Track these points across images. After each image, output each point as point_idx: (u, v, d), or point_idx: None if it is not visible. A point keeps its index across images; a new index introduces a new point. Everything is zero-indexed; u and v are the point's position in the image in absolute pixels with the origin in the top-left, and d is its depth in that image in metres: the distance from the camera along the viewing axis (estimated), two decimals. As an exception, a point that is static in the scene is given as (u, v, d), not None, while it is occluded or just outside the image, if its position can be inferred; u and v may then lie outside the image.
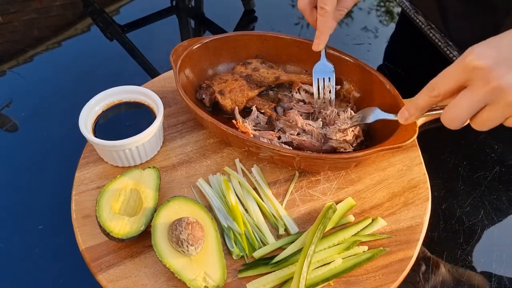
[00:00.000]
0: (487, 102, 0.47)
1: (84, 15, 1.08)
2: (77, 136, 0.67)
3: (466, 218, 0.65)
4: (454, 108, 0.49)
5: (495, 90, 0.46)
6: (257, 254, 0.59)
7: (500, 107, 0.47)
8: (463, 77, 0.48)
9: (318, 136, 0.68)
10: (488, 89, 0.46)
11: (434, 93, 0.51)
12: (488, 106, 0.48)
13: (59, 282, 0.60)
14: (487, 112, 0.48)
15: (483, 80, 0.46)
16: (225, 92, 0.74)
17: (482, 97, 0.47)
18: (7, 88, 0.89)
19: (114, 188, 0.62)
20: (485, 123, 0.49)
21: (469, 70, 0.47)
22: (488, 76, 0.45)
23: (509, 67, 0.45)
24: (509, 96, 0.45)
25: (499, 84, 0.45)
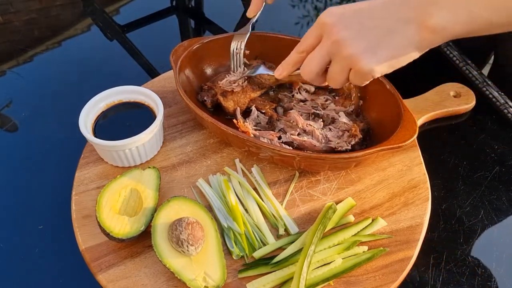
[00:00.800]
0: (330, 56, 0.54)
1: (84, 15, 1.08)
2: (77, 136, 0.67)
3: (466, 218, 0.65)
4: (307, 61, 0.56)
5: (334, 44, 0.52)
6: (257, 254, 0.59)
7: (339, 60, 0.53)
8: (317, 33, 0.54)
9: (318, 136, 0.68)
10: (329, 43, 0.53)
11: (300, 49, 0.57)
12: (332, 60, 0.55)
13: (59, 282, 0.60)
14: (332, 65, 0.55)
15: (327, 35, 0.53)
16: (227, 94, 0.74)
17: (326, 50, 0.54)
18: (7, 88, 0.89)
19: (114, 188, 0.62)
20: (333, 77, 0.56)
21: (320, 26, 0.54)
22: (330, 31, 0.52)
23: (348, 24, 0.52)
24: (343, 49, 0.52)
25: (337, 38, 0.52)
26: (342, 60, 0.53)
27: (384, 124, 0.70)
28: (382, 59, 0.52)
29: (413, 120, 0.65)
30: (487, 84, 0.82)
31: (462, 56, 0.86)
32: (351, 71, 0.54)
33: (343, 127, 0.70)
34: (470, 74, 0.84)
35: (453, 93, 0.79)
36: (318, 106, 0.74)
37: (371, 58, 0.51)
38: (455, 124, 0.78)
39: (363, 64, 0.52)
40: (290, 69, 0.61)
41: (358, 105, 0.75)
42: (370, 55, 0.51)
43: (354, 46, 0.51)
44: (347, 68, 0.54)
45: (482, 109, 0.79)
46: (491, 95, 0.80)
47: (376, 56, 0.51)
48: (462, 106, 0.77)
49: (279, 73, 0.62)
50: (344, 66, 0.54)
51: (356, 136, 0.68)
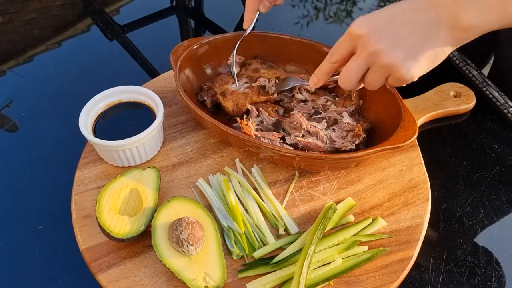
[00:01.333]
0: (368, 65, 0.56)
1: (84, 15, 1.08)
2: (77, 136, 0.67)
3: (466, 218, 0.65)
4: (345, 72, 0.57)
5: (371, 54, 0.54)
6: (257, 254, 0.59)
7: (378, 68, 0.55)
8: (350, 44, 0.56)
9: (323, 137, 0.68)
10: (366, 54, 0.54)
11: (332, 60, 0.59)
12: (370, 69, 0.56)
13: (59, 282, 0.60)
14: (369, 73, 0.57)
15: (362, 46, 0.54)
16: (226, 94, 0.74)
17: (363, 61, 0.55)
18: (7, 88, 0.89)
19: (114, 188, 0.62)
20: (371, 83, 0.57)
21: (352, 38, 0.55)
22: (365, 42, 0.53)
23: (381, 34, 0.53)
24: (382, 59, 0.53)
25: (373, 50, 0.53)
26: (381, 69, 0.54)
27: (384, 124, 0.70)
28: (421, 63, 0.53)
29: (413, 120, 0.65)
30: (487, 84, 0.82)
31: (462, 56, 0.86)
32: (390, 77, 0.56)
33: (347, 128, 0.70)
34: (470, 74, 0.84)
35: (453, 93, 0.79)
36: (319, 108, 0.74)
37: (411, 64, 0.53)
38: (455, 124, 0.78)
39: (404, 72, 0.53)
40: (325, 79, 0.62)
41: (359, 105, 0.75)
42: (410, 63, 0.53)
43: (392, 56, 0.52)
44: (386, 75, 0.55)
45: (482, 109, 0.79)
46: (491, 95, 0.80)
47: (415, 62, 0.53)
48: (462, 106, 0.77)
49: (314, 83, 0.63)
50: (383, 74, 0.55)
51: (360, 136, 0.68)
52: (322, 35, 1.03)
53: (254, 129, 0.69)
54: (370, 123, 0.72)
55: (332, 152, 0.68)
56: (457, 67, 0.86)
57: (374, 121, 0.73)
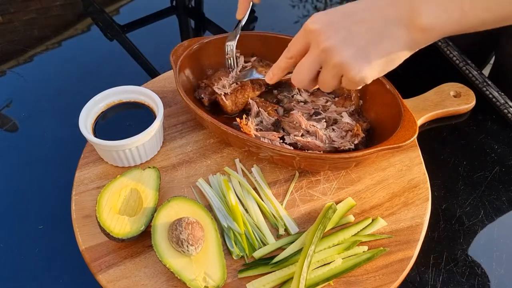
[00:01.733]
0: (320, 63, 0.53)
1: (84, 15, 1.08)
2: (77, 136, 0.67)
3: (466, 218, 0.65)
4: (297, 70, 0.55)
5: (323, 52, 0.51)
6: (257, 254, 0.59)
7: (330, 68, 0.52)
8: (304, 40, 0.53)
9: (322, 137, 0.68)
10: (319, 51, 0.51)
11: (288, 55, 0.57)
12: (323, 67, 0.53)
13: (59, 282, 0.60)
14: (322, 72, 0.54)
15: (315, 42, 0.52)
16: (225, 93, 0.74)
17: (315, 58, 0.53)
18: (7, 88, 0.89)
19: (114, 188, 0.62)
20: (324, 83, 0.55)
21: (306, 33, 0.52)
22: (318, 38, 0.51)
23: (336, 31, 0.50)
24: (333, 57, 0.50)
25: (324, 46, 0.50)
26: (333, 68, 0.52)
27: (384, 124, 0.70)
28: (373, 64, 0.50)
29: (413, 120, 0.65)
30: (487, 84, 0.82)
31: (462, 56, 0.86)
32: (342, 78, 0.53)
33: (346, 127, 0.70)
34: (470, 74, 0.84)
35: (453, 93, 0.79)
36: (319, 108, 0.74)
37: (362, 65, 0.50)
38: (455, 124, 0.78)
39: (355, 73, 0.51)
40: (280, 74, 0.60)
41: (358, 105, 0.75)
42: (361, 62, 0.50)
43: (343, 54, 0.50)
44: (338, 75, 0.53)
45: (482, 109, 0.79)
46: (491, 95, 0.80)
47: (367, 62, 0.50)
48: (462, 106, 0.77)
49: (269, 78, 0.62)
50: (334, 74, 0.53)
51: (358, 136, 0.68)
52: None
53: (253, 129, 0.69)
54: (370, 123, 0.72)
55: (331, 152, 0.68)
56: (457, 67, 0.86)
57: (374, 121, 0.73)
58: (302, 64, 0.55)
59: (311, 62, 0.53)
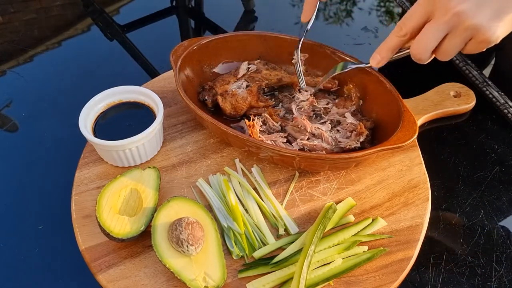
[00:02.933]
0: (448, 29, 0.52)
1: (84, 15, 1.08)
2: (77, 136, 0.67)
3: (466, 218, 0.65)
4: (420, 41, 0.54)
5: (454, 16, 0.51)
6: (257, 254, 0.59)
7: (460, 32, 0.52)
8: (426, 11, 0.53)
9: (328, 139, 0.68)
10: (448, 17, 0.51)
11: (402, 33, 0.56)
12: (449, 34, 0.53)
13: (59, 282, 0.60)
14: (448, 39, 0.53)
15: (443, 9, 0.51)
16: (226, 95, 0.74)
17: (443, 25, 0.52)
18: (7, 88, 0.89)
19: (114, 188, 0.62)
20: (448, 51, 0.54)
21: (429, 3, 0.52)
22: (446, 5, 0.51)
23: None
24: (466, 21, 0.50)
25: (457, 11, 0.50)
26: (464, 31, 0.51)
27: (384, 124, 0.70)
28: (507, 24, 0.51)
29: (413, 120, 0.65)
30: (487, 84, 0.82)
31: (462, 56, 0.86)
32: (471, 41, 0.53)
33: (350, 128, 0.70)
34: (470, 74, 0.84)
35: (453, 93, 0.79)
36: (321, 111, 0.74)
37: (498, 26, 0.50)
38: (455, 124, 0.78)
39: (491, 34, 0.51)
40: (389, 55, 0.59)
41: (359, 105, 0.75)
42: (496, 24, 0.50)
43: (478, 16, 0.50)
44: (468, 38, 0.52)
45: (482, 109, 0.79)
46: (491, 95, 0.80)
47: (502, 23, 0.50)
48: (462, 106, 0.77)
49: (377, 61, 0.60)
50: (465, 37, 0.52)
51: (363, 134, 0.68)
52: (322, 35, 1.03)
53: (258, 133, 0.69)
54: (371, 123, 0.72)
55: (338, 153, 0.68)
56: (457, 67, 0.86)
57: (374, 121, 0.73)
58: (426, 33, 0.53)
59: (438, 29, 0.52)
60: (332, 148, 0.68)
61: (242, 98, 0.73)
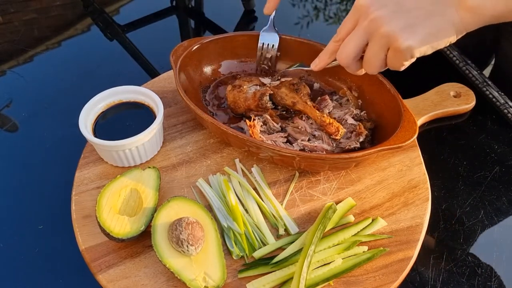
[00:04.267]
0: (367, 36, 0.54)
1: (84, 15, 1.08)
2: (77, 136, 0.67)
3: (466, 218, 0.65)
4: (343, 46, 0.56)
5: (371, 22, 0.52)
6: (257, 254, 0.59)
7: (377, 39, 0.53)
8: (354, 18, 0.54)
9: (328, 140, 0.68)
10: (366, 23, 0.52)
11: (337, 38, 0.57)
12: (369, 42, 0.54)
13: (59, 282, 0.60)
14: (368, 47, 0.54)
15: (364, 15, 0.53)
16: (235, 88, 0.74)
17: (362, 31, 0.53)
18: (7, 88, 0.89)
19: (114, 188, 0.62)
20: (370, 60, 0.55)
21: (357, 9, 0.54)
22: (366, 11, 0.52)
23: (385, 3, 0.51)
24: (381, 27, 0.51)
25: (373, 17, 0.52)
26: (380, 38, 0.52)
27: (384, 124, 0.70)
28: (421, 37, 0.51)
29: (413, 120, 0.65)
30: (487, 84, 0.82)
31: (462, 56, 0.86)
32: (388, 52, 0.53)
33: (350, 128, 0.70)
34: (470, 74, 0.84)
35: (453, 93, 0.79)
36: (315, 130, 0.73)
37: (410, 35, 0.51)
38: (455, 124, 0.78)
39: (402, 41, 0.51)
40: (327, 60, 0.60)
41: (358, 106, 0.75)
42: (409, 33, 0.51)
43: (392, 23, 0.51)
44: (385, 47, 0.53)
45: (482, 109, 0.79)
46: (491, 95, 0.80)
47: (415, 34, 0.51)
48: (462, 106, 0.77)
49: (315, 64, 0.62)
50: (382, 45, 0.53)
51: (362, 134, 0.67)
52: (322, 35, 1.03)
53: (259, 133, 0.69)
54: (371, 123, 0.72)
55: (338, 153, 0.68)
56: (457, 67, 0.86)
57: (374, 121, 0.73)
58: (349, 38, 0.55)
59: (358, 35, 0.54)
60: (333, 149, 0.68)
61: (244, 98, 0.73)
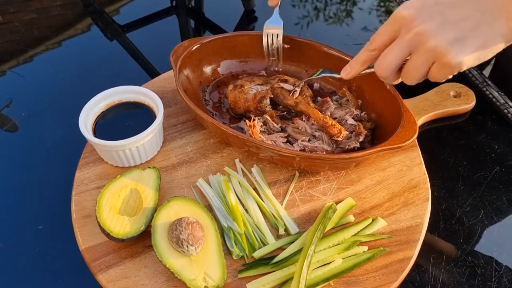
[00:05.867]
0: (411, 49, 0.51)
1: (84, 15, 1.08)
2: (77, 136, 0.67)
3: (466, 218, 0.65)
4: (383, 57, 0.54)
5: (416, 36, 0.50)
6: (257, 254, 0.59)
7: (422, 53, 0.50)
8: (393, 28, 0.52)
9: (328, 140, 0.68)
10: (411, 35, 0.50)
11: (371, 47, 0.56)
12: (412, 54, 0.52)
13: (59, 282, 0.60)
14: (411, 60, 0.52)
15: (407, 27, 0.50)
16: (236, 88, 0.74)
17: (406, 44, 0.51)
18: (7, 88, 0.89)
19: (114, 188, 0.62)
20: (411, 72, 0.53)
21: (397, 20, 0.51)
22: (410, 24, 0.50)
23: (430, 15, 0.49)
24: (428, 42, 0.49)
25: (419, 30, 0.49)
26: (426, 52, 0.50)
27: (384, 124, 0.70)
28: (471, 50, 0.49)
29: (413, 120, 0.65)
30: (487, 84, 0.82)
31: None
32: (433, 65, 0.51)
33: (350, 129, 0.70)
34: (470, 74, 0.84)
35: (453, 93, 0.79)
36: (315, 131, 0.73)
37: (460, 49, 0.49)
38: (455, 124, 0.78)
39: (452, 56, 0.49)
40: (359, 69, 0.58)
41: (358, 106, 0.75)
42: (459, 46, 0.49)
43: (440, 37, 0.49)
44: (431, 61, 0.51)
45: (482, 109, 0.79)
46: (491, 95, 0.80)
47: (465, 48, 0.49)
48: (462, 106, 0.77)
49: (346, 72, 0.60)
50: (427, 59, 0.51)
51: (361, 134, 0.67)
52: (322, 35, 1.03)
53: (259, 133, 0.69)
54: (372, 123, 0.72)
55: (338, 153, 0.68)
56: (457, 67, 0.86)
57: (374, 121, 0.73)
58: (389, 50, 0.53)
59: (401, 48, 0.52)
60: (333, 149, 0.68)
61: (244, 99, 0.73)
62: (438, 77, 0.53)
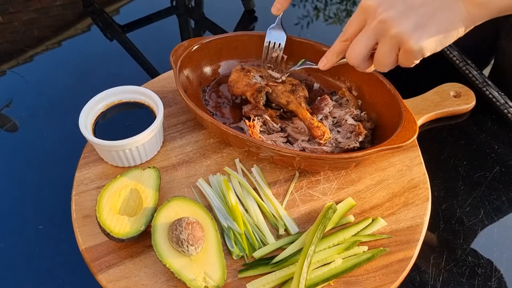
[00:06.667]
0: (377, 37, 0.53)
1: (84, 15, 1.08)
2: (77, 136, 0.67)
3: (466, 218, 0.65)
4: (353, 46, 0.55)
5: (380, 23, 0.52)
6: (257, 254, 0.59)
7: (387, 40, 0.52)
8: (361, 18, 0.54)
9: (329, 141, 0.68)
10: (375, 23, 0.52)
11: (343, 38, 0.57)
12: (379, 42, 0.54)
13: (59, 282, 0.60)
14: (378, 47, 0.54)
15: (372, 16, 0.52)
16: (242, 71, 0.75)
17: (371, 32, 0.53)
18: (7, 88, 0.89)
19: (114, 188, 0.62)
20: (381, 59, 0.55)
21: (364, 10, 0.53)
22: (375, 12, 0.52)
23: (393, 3, 0.51)
24: (392, 29, 0.51)
25: (383, 18, 0.51)
26: (390, 39, 0.52)
27: (384, 124, 0.70)
28: (431, 35, 0.51)
29: (413, 120, 0.65)
30: (487, 84, 0.82)
31: (462, 56, 0.86)
32: (400, 52, 0.53)
33: (350, 128, 0.70)
34: (470, 74, 0.84)
35: (453, 93, 0.79)
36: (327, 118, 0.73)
37: (421, 35, 0.51)
38: (455, 124, 0.78)
39: (414, 42, 0.51)
40: (334, 59, 0.60)
41: (358, 106, 0.75)
42: (420, 32, 0.51)
43: (402, 24, 0.51)
44: (396, 47, 0.53)
45: (482, 109, 0.79)
46: (491, 95, 0.80)
47: (426, 33, 0.51)
48: (462, 106, 0.77)
49: (323, 64, 0.61)
50: (392, 46, 0.53)
51: (361, 133, 0.67)
52: (322, 35, 1.03)
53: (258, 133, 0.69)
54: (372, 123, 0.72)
55: (339, 153, 0.68)
56: (457, 67, 0.86)
57: (374, 121, 0.73)
58: (358, 38, 0.55)
59: (368, 36, 0.54)
60: (333, 149, 0.68)
61: (246, 83, 0.74)
62: (405, 63, 0.55)
